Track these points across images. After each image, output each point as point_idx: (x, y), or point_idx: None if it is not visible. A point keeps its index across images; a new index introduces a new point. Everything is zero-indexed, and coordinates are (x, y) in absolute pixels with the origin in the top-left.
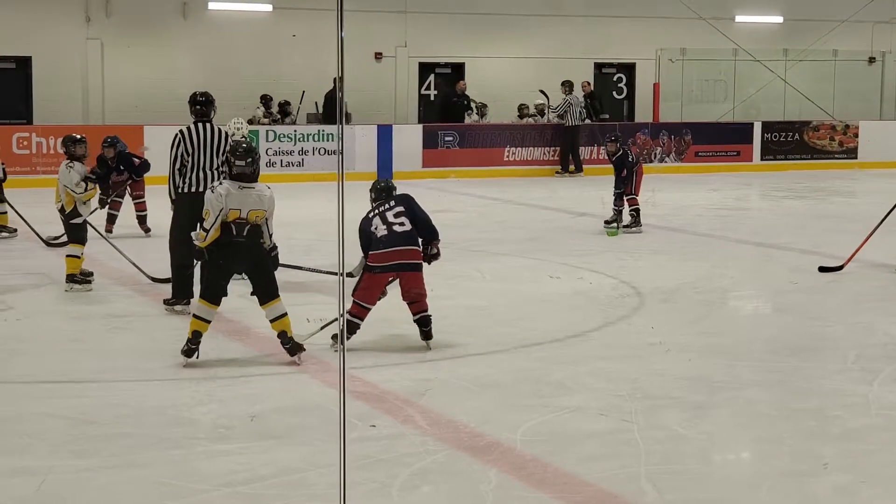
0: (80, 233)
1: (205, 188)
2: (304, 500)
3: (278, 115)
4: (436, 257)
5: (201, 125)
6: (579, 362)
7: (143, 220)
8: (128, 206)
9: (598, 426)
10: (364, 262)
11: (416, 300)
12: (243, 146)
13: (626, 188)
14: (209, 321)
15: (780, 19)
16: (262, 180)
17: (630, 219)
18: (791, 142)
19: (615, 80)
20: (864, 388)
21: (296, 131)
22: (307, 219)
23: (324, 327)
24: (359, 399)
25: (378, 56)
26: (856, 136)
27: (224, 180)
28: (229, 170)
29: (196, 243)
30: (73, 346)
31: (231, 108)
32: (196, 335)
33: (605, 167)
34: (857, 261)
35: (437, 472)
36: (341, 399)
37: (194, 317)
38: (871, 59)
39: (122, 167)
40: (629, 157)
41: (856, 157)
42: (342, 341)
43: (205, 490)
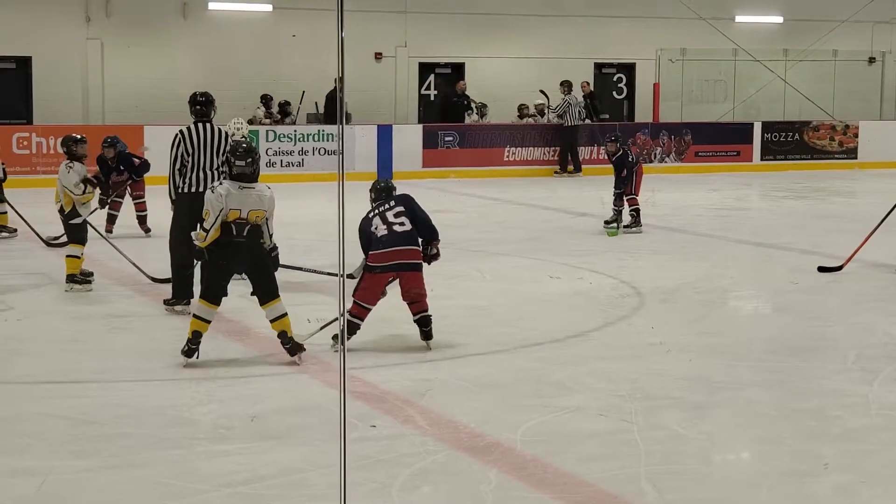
0: (79, 233)
1: (205, 188)
2: (304, 501)
3: (278, 116)
4: (436, 257)
5: (201, 125)
6: (579, 362)
7: (143, 220)
8: (128, 206)
9: (598, 426)
10: (364, 262)
11: (416, 300)
12: (243, 146)
13: (626, 188)
14: (209, 321)
15: (780, 19)
16: (263, 180)
17: (630, 219)
18: (791, 142)
19: (615, 80)
20: (864, 388)
21: (296, 131)
22: (307, 219)
23: (323, 327)
24: (359, 399)
25: (378, 56)
26: (856, 136)
27: (224, 180)
28: (229, 170)
29: (196, 243)
30: (73, 347)
31: (231, 109)
32: (196, 335)
33: (605, 167)
34: (857, 261)
35: (437, 473)
36: (342, 399)
37: (194, 317)
38: (871, 60)
39: (122, 167)
40: (629, 157)
41: (856, 158)
42: (342, 341)
43: (205, 490)
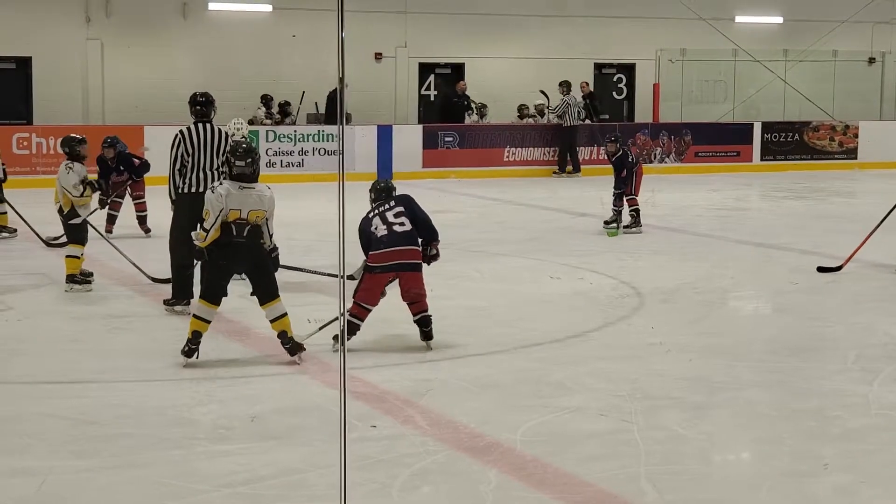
0: (79, 233)
1: (205, 188)
2: (304, 501)
3: (278, 116)
4: (435, 258)
5: (201, 125)
6: (579, 363)
7: (143, 220)
8: (128, 206)
9: (598, 426)
10: (365, 263)
11: (415, 300)
12: (243, 146)
13: (626, 188)
14: (209, 321)
15: (779, 20)
16: (263, 180)
17: (630, 219)
18: (791, 142)
19: (615, 80)
20: (863, 388)
21: (296, 132)
22: (307, 219)
23: (322, 327)
24: (359, 399)
25: (378, 56)
26: (856, 136)
27: (224, 180)
28: (229, 170)
29: (196, 243)
30: (73, 347)
31: (231, 109)
32: (196, 335)
33: (605, 167)
34: (857, 261)
35: (437, 473)
36: (342, 400)
37: (194, 317)
38: (871, 60)
39: (122, 167)
40: (629, 157)
41: (855, 158)
42: (343, 342)
43: (205, 490)
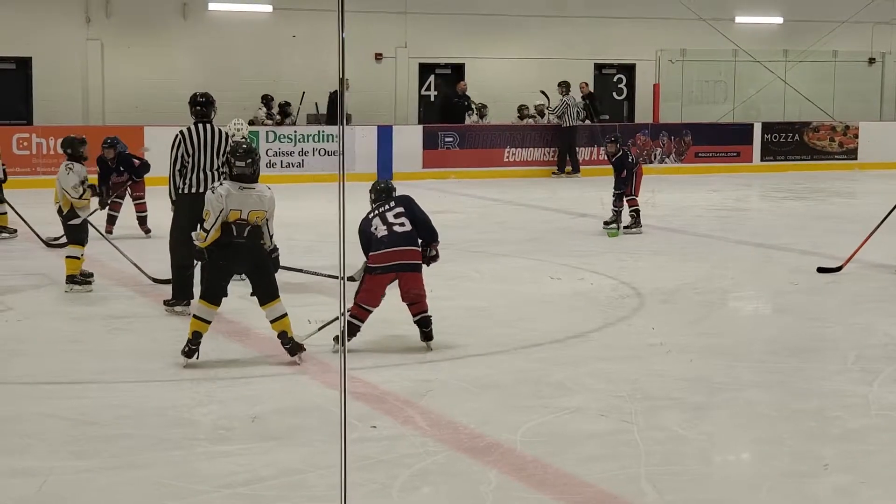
0: (79, 234)
1: (205, 189)
2: (304, 502)
3: (278, 116)
4: (434, 259)
5: (202, 126)
6: (579, 363)
7: (143, 220)
8: (128, 206)
9: (599, 427)
10: (365, 265)
11: (415, 301)
12: (243, 147)
13: (626, 189)
14: (209, 322)
15: (779, 20)
16: (263, 181)
17: (630, 220)
18: (791, 143)
19: (615, 80)
20: (863, 388)
21: (296, 132)
22: (307, 220)
23: (322, 328)
24: (359, 400)
25: (378, 57)
26: (856, 136)
27: (224, 181)
28: (229, 170)
29: (196, 244)
30: (73, 347)
31: (231, 109)
32: (196, 336)
33: (604, 168)
34: (857, 261)
35: (437, 473)
36: (342, 400)
37: (194, 317)
38: (871, 60)
39: (122, 168)
40: (629, 157)
41: (856, 158)
42: (343, 342)
43: (205, 491)
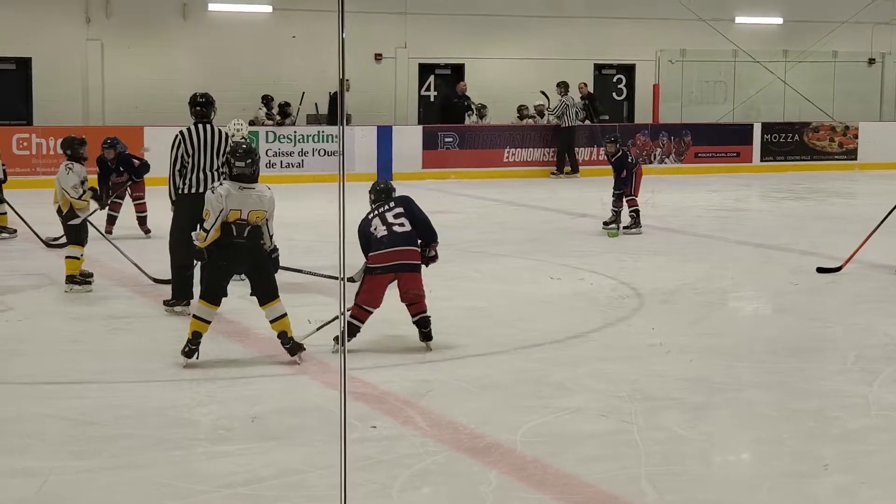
0: (79, 234)
1: (205, 189)
2: (304, 502)
3: (278, 117)
4: (433, 260)
5: (201, 126)
6: (579, 363)
7: (143, 221)
8: (128, 207)
9: (599, 427)
10: (365, 266)
11: (414, 301)
12: (243, 147)
13: (626, 189)
14: (209, 322)
15: (779, 20)
16: (262, 181)
17: (630, 220)
18: (791, 143)
19: (615, 81)
20: (863, 388)
21: (295, 132)
22: (307, 220)
23: (320, 328)
24: (359, 400)
25: (378, 57)
26: (855, 137)
27: (224, 181)
28: (229, 171)
29: (196, 244)
30: (73, 347)
31: (231, 110)
32: (196, 336)
33: (604, 168)
34: (857, 262)
35: (437, 474)
36: (342, 400)
37: (194, 317)
38: (871, 61)
39: (122, 168)
40: (628, 158)
41: (855, 159)
42: (343, 342)
43: (205, 491)
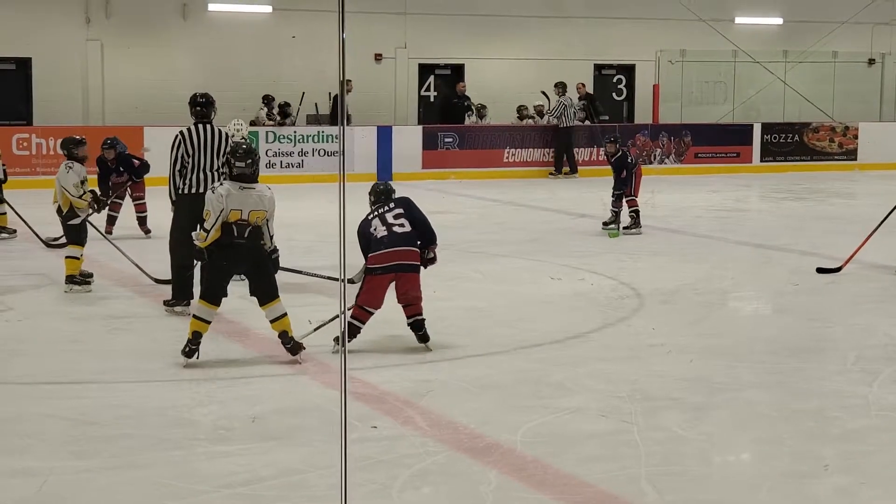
0: (78, 234)
1: (205, 189)
2: (304, 502)
3: (278, 117)
4: (432, 262)
5: (202, 126)
6: (579, 363)
7: (143, 221)
8: (128, 207)
9: (599, 427)
10: (365, 267)
11: (411, 303)
12: (243, 147)
13: (626, 189)
14: (209, 322)
15: (779, 21)
16: (262, 181)
17: (630, 220)
18: (791, 143)
19: (615, 81)
20: (863, 389)
21: (295, 132)
22: (307, 220)
23: (318, 328)
24: (359, 400)
25: (378, 57)
26: (855, 137)
27: (224, 181)
28: (229, 171)
29: (196, 243)
30: (73, 347)
31: (231, 110)
32: (196, 336)
33: (604, 169)
34: (857, 262)
35: (437, 474)
36: (342, 400)
37: (194, 317)
38: (871, 61)
39: (122, 168)
40: (628, 158)
41: (855, 159)
42: (343, 343)
43: (205, 491)
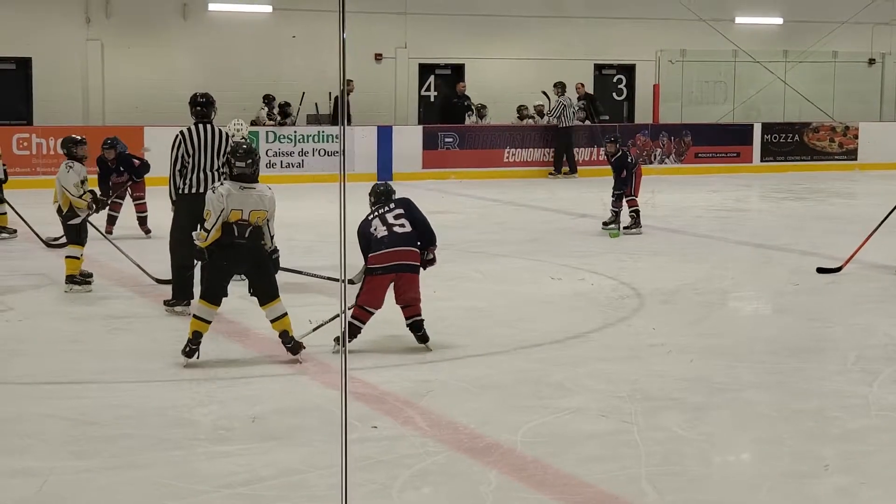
0: (78, 234)
1: (205, 189)
2: (304, 502)
3: (278, 117)
4: (431, 263)
5: (202, 126)
6: (579, 363)
7: (143, 221)
8: (128, 207)
9: (599, 427)
10: (365, 267)
11: (410, 304)
12: (243, 147)
13: (626, 189)
14: (209, 322)
15: (779, 21)
16: (262, 181)
17: (630, 220)
18: (791, 143)
19: (615, 81)
20: (863, 389)
21: (296, 132)
22: (307, 220)
23: (317, 328)
24: (359, 400)
25: (378, 57)
26: (855, 137)
27: (225, 181)
28: (230, 171)
29: (197, 243)
30: (73, 347)
31: (231, 110)
32: (196, 336)
33: (603, 169)
34: (857, 262)
35: (437, 474)
36: (342, 400)
37: (194, 317)
38: (871, 61)
39: (123, 168)
40: (628, 158)
41: (855, 159)
42: (343, 343)
43: (205, 491)
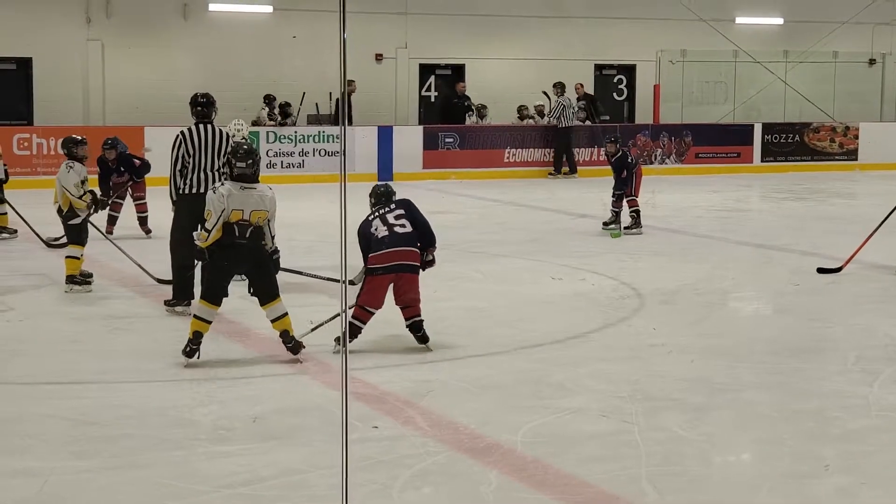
0: (79, 234)
1: (206, 189)
2: (305, 502)
3: (279, 117)
4: (430, 264)
5: (202, 126)
6: (580, 364)
7: (143, 221)
8: (129, 207)
9: (599, 427)
10: (365, 268)
11: (409, 304)
12: (244, 147)
13: (626, 189)
14: (210, 322)
15: (780, 21)
16: (263, 181)
17: (630, 220)
18: (791, 143)
19: (615, 81)
20: (864, 389)
21: (296, 132)
22: (308, 220)
23: (316, 328)
24: (359, 400)
25: (378, 57)
26: (856, 137)
27: (225, 181)
28: (230, 171)
29: (198, 243)
30: (73, 347)
31: (231, 110)
32: (197, 336)
33: (604, 169)
34: (858, 262)
35: (437, 474)
36: (343, 400)
37: (195, 317)
38: (872, 61)
39: (123, 168)
40: (628, 158)
41: (856, 159)
42: (344, 343)
43: (205, 491)
